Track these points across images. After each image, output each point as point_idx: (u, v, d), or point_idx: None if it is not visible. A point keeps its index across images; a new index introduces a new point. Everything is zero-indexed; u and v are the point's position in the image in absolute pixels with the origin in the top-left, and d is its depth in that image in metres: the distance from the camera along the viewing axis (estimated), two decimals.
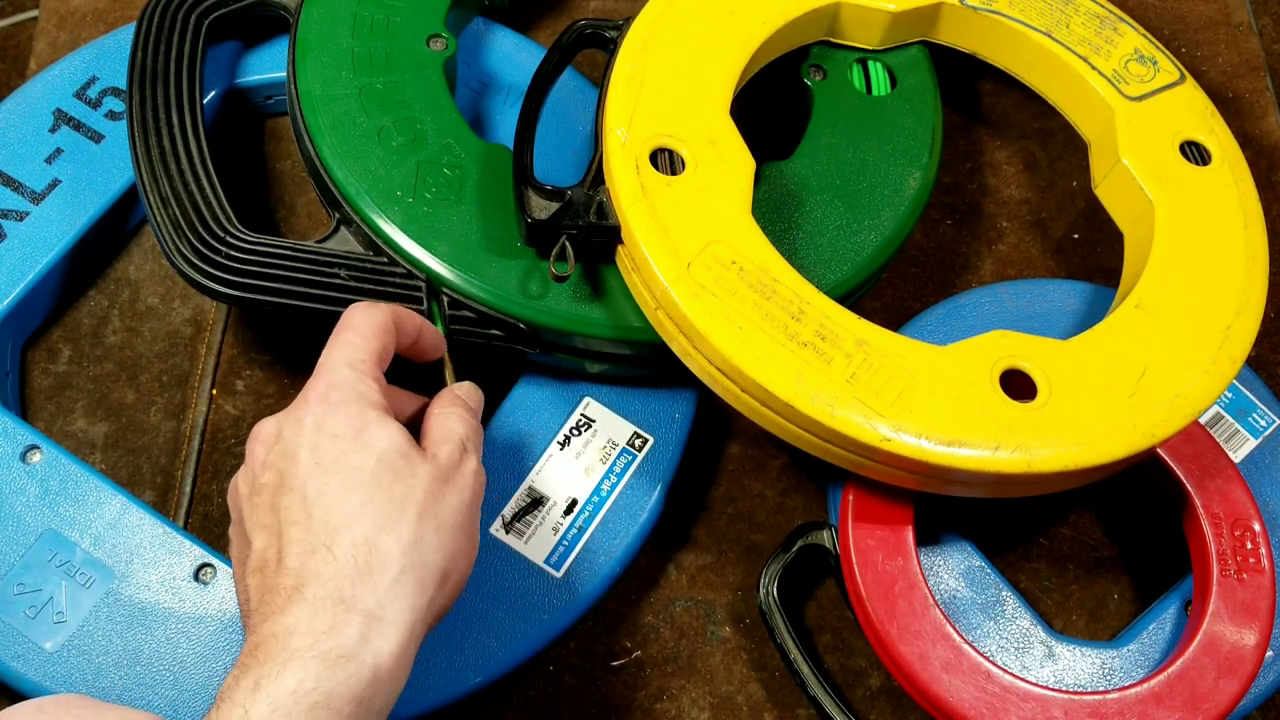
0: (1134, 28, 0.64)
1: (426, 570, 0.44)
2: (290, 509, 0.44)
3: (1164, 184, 0.59)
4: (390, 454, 0.45)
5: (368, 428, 0.46)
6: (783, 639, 0.57)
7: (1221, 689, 0.54)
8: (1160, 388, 0.53)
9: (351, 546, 0.43)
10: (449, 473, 0.47)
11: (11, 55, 0.80)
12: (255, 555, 0.44)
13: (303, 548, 0.43)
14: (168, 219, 0.56)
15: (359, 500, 0.44)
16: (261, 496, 0.46)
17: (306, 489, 0.44)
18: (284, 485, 0.45)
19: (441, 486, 0.46)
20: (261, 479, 0.46)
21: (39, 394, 0.63)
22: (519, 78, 0.68)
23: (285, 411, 0.47)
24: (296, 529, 0.44)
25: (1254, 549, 0.57)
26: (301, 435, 0.46)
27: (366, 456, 0.45)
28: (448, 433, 0.49)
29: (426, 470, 0.46)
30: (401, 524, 0.44)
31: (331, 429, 0.46)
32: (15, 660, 0.54)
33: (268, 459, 0.46)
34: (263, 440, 0.47)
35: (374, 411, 0.46)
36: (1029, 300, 0.64)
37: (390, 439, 0.46)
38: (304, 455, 0.45)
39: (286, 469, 0.45)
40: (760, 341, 0.51)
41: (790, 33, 0.62)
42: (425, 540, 0.44)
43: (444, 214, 0.58)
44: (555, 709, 0.59)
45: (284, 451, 0.46)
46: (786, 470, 0.64)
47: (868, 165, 0.62)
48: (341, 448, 0.45)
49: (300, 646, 0.40)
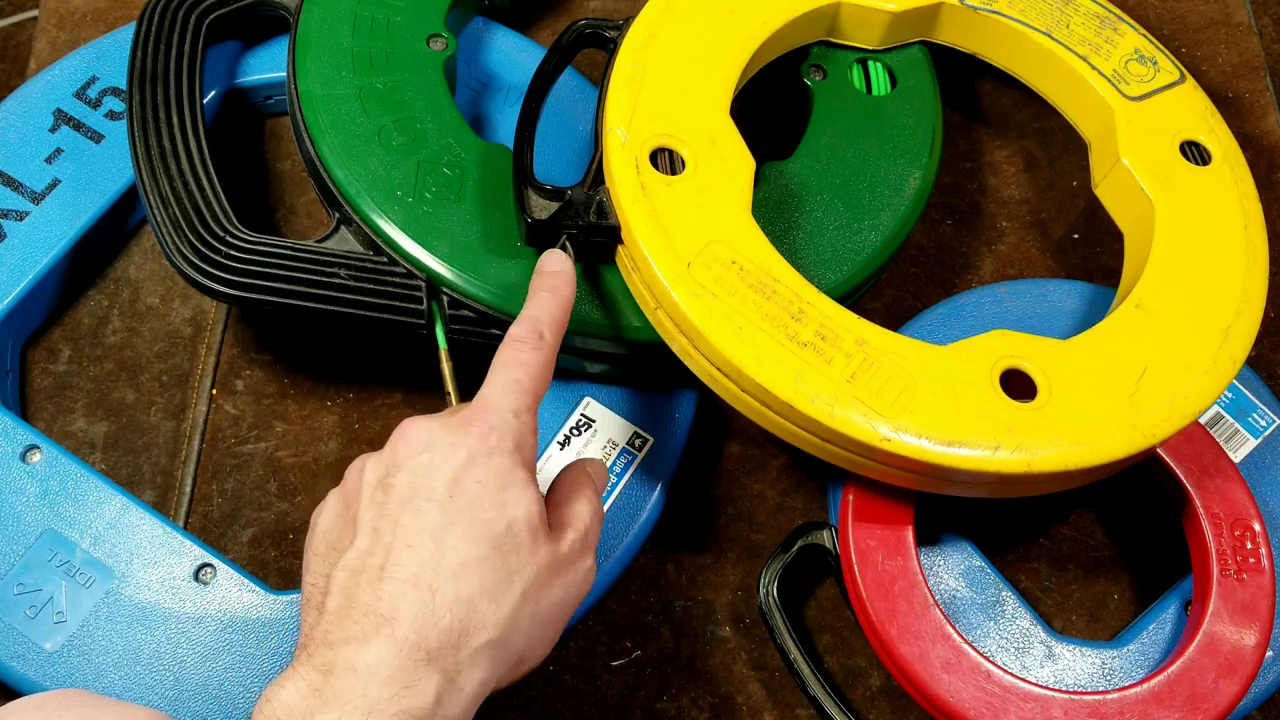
0: (1134, 28, 0.64)
1: (508, 650, 0.43)
2: (409, 528, 0.43)
3: (1164, 184, 0.59)
4: (521, 524, 0.44)
5: (512, 488, 0.45)
6: (783, 639, 0.57)
7: (1221, 689, 0.54)
8: (1160, 388, 0.53)
9: (454, 600, 0.42)
10: (565, 564, 0.46)
11: (11, 55, 0.80)
12: (355, 553, 0.43)
13: (407, 575, 0.42)
14: (168, 219, 0.56)
15: (476, 557, 0.43)
16: (388, 497, 0.44)
17: (432, 518, 0.43)
18: (413, 503, 0.44)
19: (553, 575, 0.45)
20: (393, 478, 0.45)
21: (39, 394, 0.63)
22: (519, 78, 0.68)
23: (441, 426, 0.46)
24: (408, 554, 0.42)
25: (1254, 549, 0.57)
26: (450, 464, 0.44)
27: (499, 517, 0.44)
28: (576, 518, 0.48)
29: (546, 553, 0.45)
30: (505, 597, 0.43)
31: (479, 474, 0.44)
32: (15, 660, 0.54)
33: (408, 464, 0.45)
34: (409, 443, 0.46)
35: (523, 472, 0.45)
36: (1029, 300, 0.64)
37: (526, 510, 0.45)
38: (443, 484, 0.44)
39: (422, 486, 0.44)
40: (760, 341, 0.51)
41: (790, 33, 0.62)
42: (519, 622, 0.44)
43: (444, 214, 0.58)
44: (555, 709, 0.59)
45: (427, 467, 0.45)
46: (786, 470, 0.64)
47: (868, 165, 0.62)
48: (481, 496, 0.44)
49: (380, 698, 0.39)
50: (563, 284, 0.52)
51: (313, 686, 0.40)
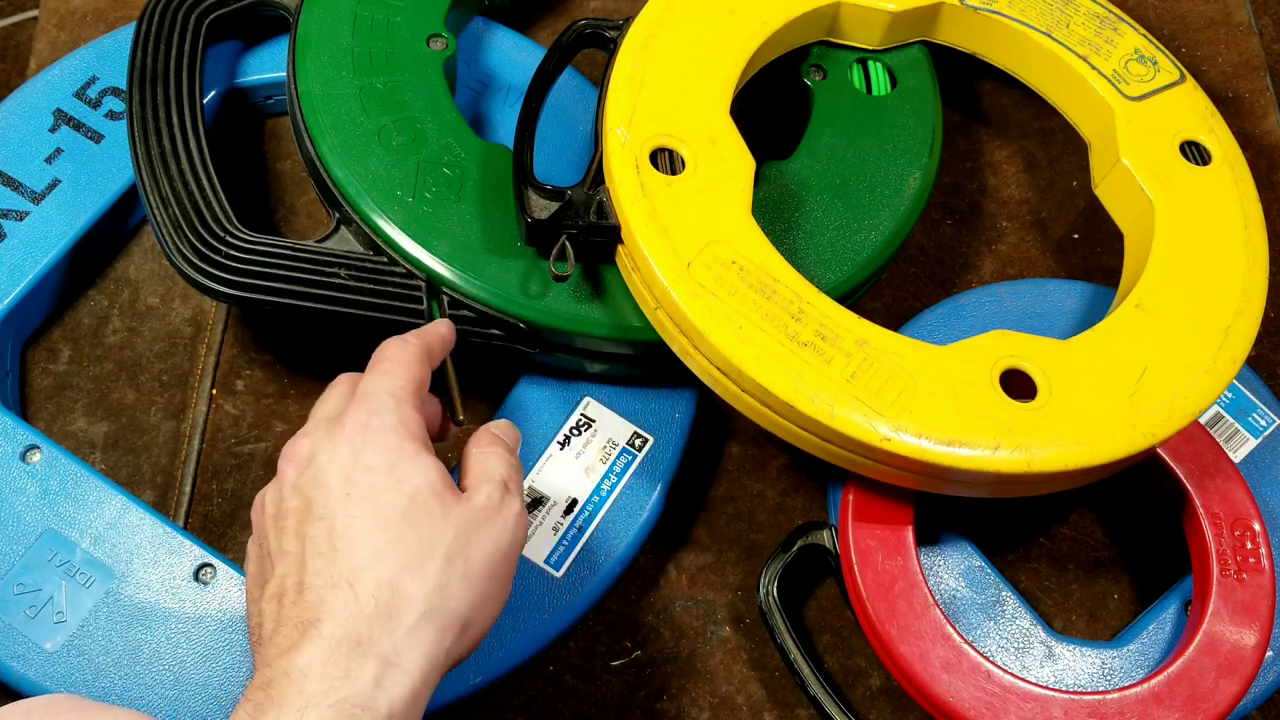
0: (1134, 28, 0.64)
1: (448, 617, 0.43)
2: (316, 539, 0.43)
3: (1164, 184, 0.59)
4: (424, 492, 0.44)
5: (403, 462, 0.45)
6: (783, 639, 0.57)
7: (1221, 689, 0.54)
8: (1160, 388, 0.53)
9: (374, 586, 0.42)
10: (486, 515, 0.45)
11: (11, 55, 0.80)
12: (275, 581, 0.43)
13: (325, 580, 0.42)
14: (168, 219, 0.56)
15: (387, 538, 0.43)
16: (287, 521, 0.44)
17: (335, 519, 0.43)
18: (312, 513, 0.44)
19: (475, 530, 0.45)
20: (289, 503, 0.45)
21: (39, 394, 0.63)
22: (519, 78, 0.68)
23: (321, 433, 0.46)
24: (321, 560, 0.43)
25: (1254, 549, 0.57)
26: (336, 463, 0.45)
27: (399, 493, 0.44)
28: (487, 471, 0.47)
29: (460, 512, 0.45)
30: (427, 567, 0.43)
31: (367, 460, 0.44)
32: (15, 660, 0.54)
33: (298, 482, 0.45)
34: (294, 462, 0.46)
35: (412, 444, 0.45)
36: (1029, 300, 0.64)
37: (425, 476, 0.45)
38: (336, 484, 0.44)
39: (316, 496, 0.44)
40: (760, 341, 0.51)
41: (790, 33, 0.62)
42: (450, 586, 0.43)
43: (444, 214, 0.58)
44: (555, 709, 0.59)
45: (315, 477, 0.45)
46: (786, 470, 0.64)
47: (868, 165, 0.62)
48: (375, 481, 0.44)
49: (315, 693, 0.39)
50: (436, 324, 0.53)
51: (255, 704, 0.40)
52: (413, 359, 0.49)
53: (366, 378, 0.48)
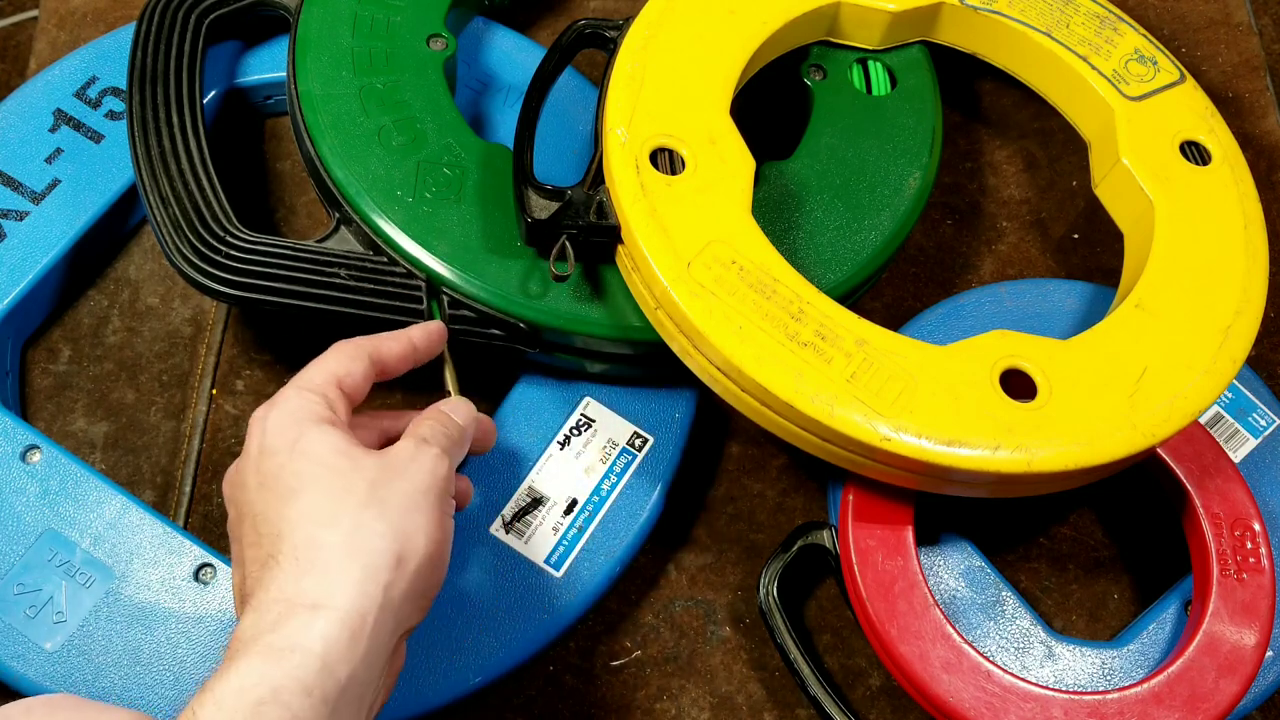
0: (1134, 28, 0.64)
1: (372, 555, 0.44)
2: (245, 535, 0.45)
3: (1164, 184, 0.59)
4: (327, 455, 0.46)
5: (302, 437, 0.46)
6: (783, 639, 0.57)
7: (1221, 689, 0.54)
8: (1160, 388, 0.53)
9: (293, 550, 0.43)
10: (401, 463, 0.47)
11: (11, 55, 0.80)
12: (234, 589, 0.46)
13: (256, 567, 0.44)
14: (168, 219, 0.56)
15: (299, 507, 0.44)
16: (231, 534, 0.48)
17: (254, 511, 0.45)
18: (240, 515, 0.46)
19: (390, 476, 0.46)
20: (230, 517, 0.48)
21: (39, 394, 0.63)
22: (519, 78, 0.68)
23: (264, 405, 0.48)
24: (251, 550, 0.45)
25: (1254, 549, 0.57)
26: (247, 461, 0.47)
27: (305, 463, 0.45)
28: (410, 432, 0.49)
29: (372, 463, 0.46)
30: (340, 516, 0.44)
31: (270, 447, 0.46)
32: (15, 660, 0.54)
33: (231, 495, 0.48)
34: (226, 483, 0.49)
35: (310, 423, 0.47)
36: (1029, 300, 0.64)
37: (326, 442, 0.46)
38: (250, 480, 0.46)
39: (239, 497, 0.47)
40: (760, 341, 0.51)
41: (790, 33, 0.62)
42: (367, 525, 0.44)
43: (444, 214, 0.58)
44: (555, 709, 0.59)
45: (237, 481, 0.47)
46: (786, 470, 0.64)
47: (868, 165, 0.62)
48: (280, 462, 0.46)
49: (245, 641, 0.41)
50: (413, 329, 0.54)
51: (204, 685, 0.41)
52: (344, 355, 0.50)
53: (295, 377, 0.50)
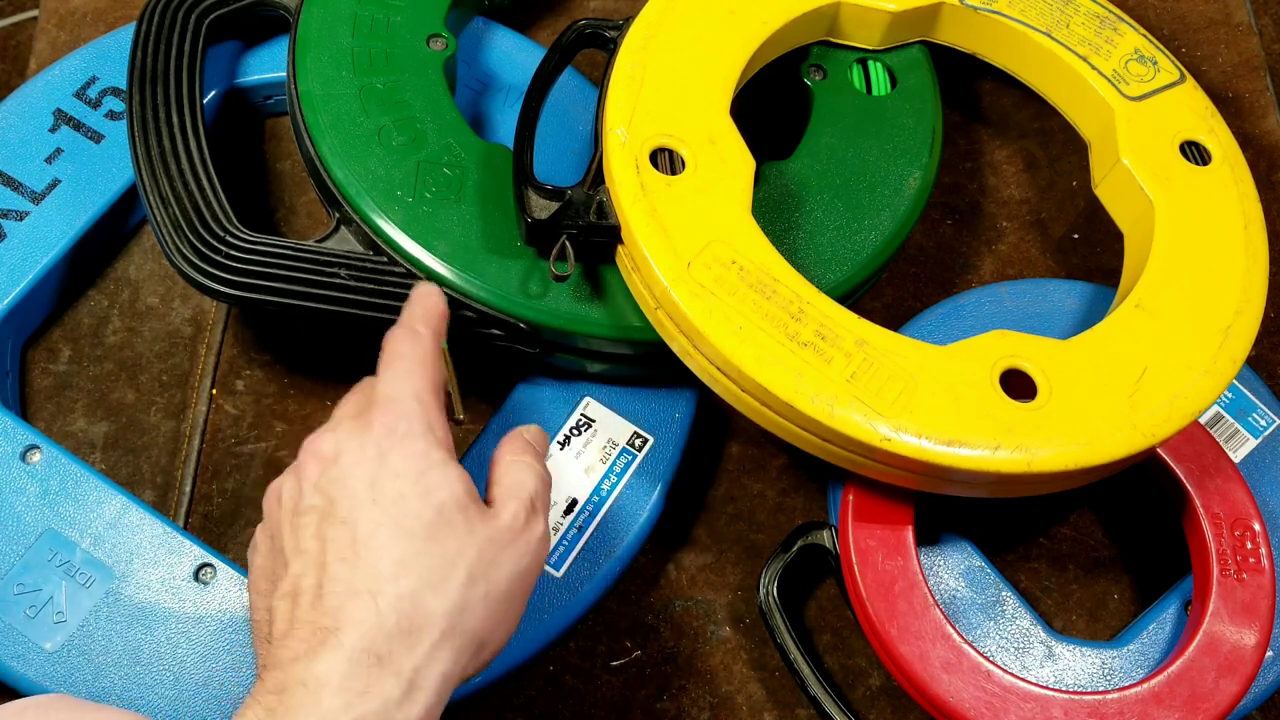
0: (1134, 27, 0.64)
1: (466, 638, 0.42)
2: (337, 541, 0.42)
3: (1164, 184, 0.59)
4: (450, 505, 0.43)
5: (431, 471, 0.44)
6: (783, 639, 0.57)
7: (1221, 689, 0.54)
8: (1160, 388, 0.53)
9: (396, 599, 0.41)
10: (510, 536, 0.45)
11: (11, 55, 0.80)
12: (290, 579, 0.42)
13: (345, 588, 0.41)
14: (168, 219, 0.56)
15: (411, 551, 0.42)
16: (307, 519, 0.43)
17: (358, 525, 0.42)
18: (334, 514, 0.43)
19: (498, 550, 0.44)
20: (309, 499, 0.44)
21: (39, 394, 0.63)
22: (519, 78, 0.68)
23: (346, 432, 0.45)
24: (343, 566, 0.42)
25: (1254, 549, 0.57)
26: (362, 465, 0.43)
27: (425, 504, 0.43)
28: (517, 486, 0.46)
29: (485, 530, 0.44)
30: (449, 585, 0.42)
31: (395, 466, 0.43)
32: (15, 660, 0.54)
33: (320, 481, 0.44)
34: (318, 458, 0.45)
35: (439, 453, 0.44)
36: (1029, 300, 0.64)
37: (452, 488, 0.44)
38: (361, 488, 0.43)
39: (339, 497, 0.43)
40: (760, 341, 0.51)
41: (790, 33, 0.62)
42: (471, 607, 0.42)
43: (444, 214, 0.58)
44: (555, 709, 0.59)
45: (339, 477, 0.44)
46: (786, 470, 0.64)
47: (868, 165, 0.62)
48: (402, 488, 0.43)
49: (333, 707, 0.39)
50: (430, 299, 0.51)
51: (268, 708, 0.39)
52: (429, 355, 0.48)
53: (386, 377, 0.47)
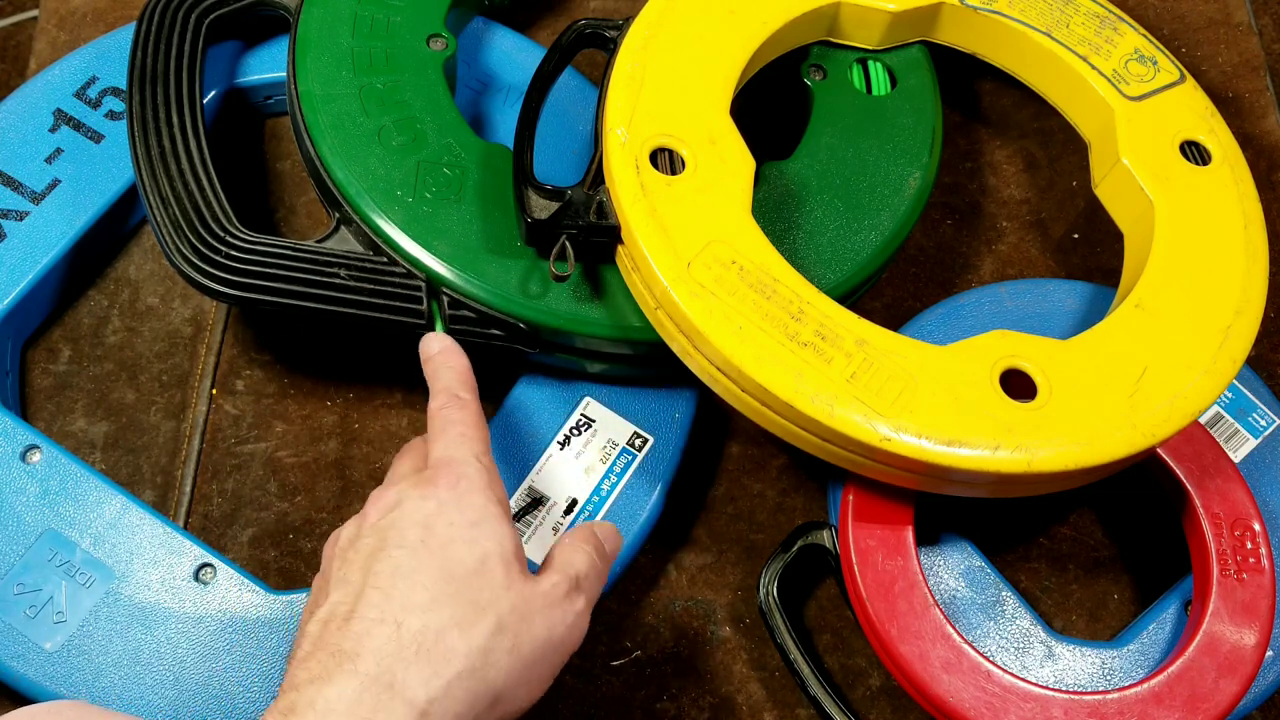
0: (1134, 27, 0.64)
1: (484, 684, 0.42)
2: (379, 574, 0.43)
3: (1164, 184, 0.59)
4: (494, 557, 0.44)
5: (485, 523, 0.45)
6: (783, 639, 0.57)
7: (1221, 689, 0.54)
8: (1160, 388, 0.53)
9: (420, 630, 0.42)
10: (547, 601, 0.45)
11: (11, 55, 0.80)
12: (328, 607, 0.43)
13: (375, 614, 0.42)
14: (168, 219, 0.56)
15: (447, 591, 0.43)
16: (357, 554, 0.45)
17: (402, 561, 0.43)
18: (383, 551, 0.44)
19: (533, 611, 0.44)
20: (364, 539, 0.45)
21: (39, 394, 0.63)
22: (519, 78, 0.68)
23: (410, 485, 0.47)
24: (377, 594, 0.43)
25: (1254, 549, 0.57)
26: (420, 512, 0.45)
27: (471, 551, 0.44)
28: (566, 564, 0.47)
29: (523, 589, 0.45)
30: (477, 628, 0.43)
31: (450, 515, 0.45)
32: (15, 660, 0.54)
33: (379, 523, 0.46)
34: (379, 505, 0.47)
35: (496, 508, 0.46)
36: (1029, 300, 0.64)
37: (500, 543, 0.45)
38: (414, 529, 0.44)
39: (392, 536, 0.45)
40: (760, 341, 0.51)
41: (790, 33, 0.62)
42: (494, 656, 0.43)
43: (444, 214, 0.58)
44: (555, 709, 0.59)
45: (396, 520, 0.45)
46: (786, 470, 0.64)
47: (868, 165, 0.62)
48: (453, 535, 0.44)
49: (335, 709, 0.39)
50: (452, 357, 0.53)
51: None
52: (478, 418, 0.50)
53: (443, 442, 0.49)
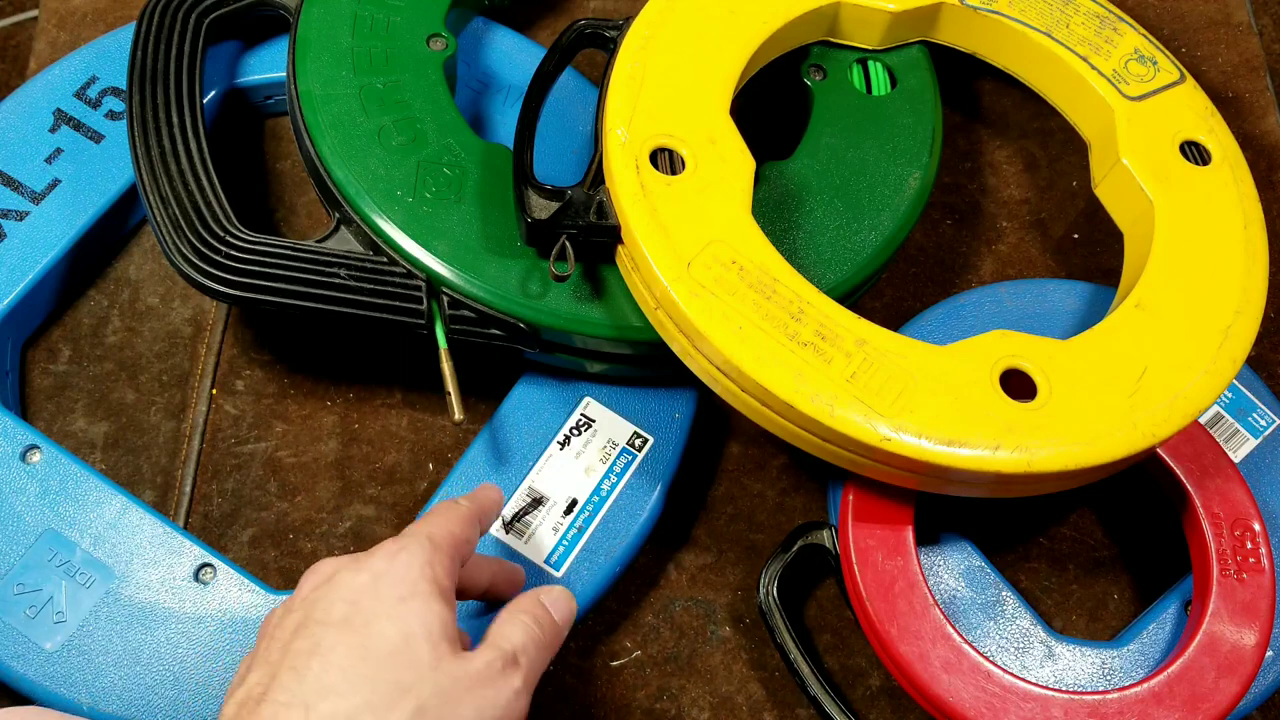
0: (1134, 27, 0.64)
1: None
2: (297, 653, 0.42)
3: (1164, 184, 0.59)
4: (419, 637, 0.43)
5: (413, 599, 0.43)
6: (783, 639, 0.57)
7: (1221, 689, 0.54)
8: (1160, 388, 0.53)
9: (330, 714, 0.40)
10: (477, 682, 0.43)
11: (11, 55, 0.80)
12: (245, 688, 0.42)
13: (286, 697, 0.41)
14: (168, 219, 0.56)
15: (364, 672, 0.41)
16: (281, 633, 0.44)
17: (322, 640, 0.42)
18: (305, 629, 0.43)
19: (461, 693, 0.42)
20: (291, 614, 0.44)
21: (39, 394, 0.63)
22: (519, 78, 0.68)
23: (349, 557, 0.46)
24: (291, 676, 0.41)
25: (1254, 549, 0.57)
26: (351, 585, 0.44)
27: (396, 629, 0.42)
28: (500, 638, 0.46)
29: (451, 669, 0.43)
30: (393, 712, 0.41)
31: (380, 590, 0.43)
32: (15, 660, 0.54)
33: (309, 595, 0.44)
34: (314, 578, 0.46)
35: (428, 585, 0.44)
36: (1029, 300, 0.64)
37: (425, 621, 0.43)
38: (340, 606, 0.43)
39: (316, 612, 0.43)
40: (760, 341, 0.51)
41: (790, 33, 0.62)
42: None
43: (444, 214, 0.58)
44: (555, 709, 0.59)
45: (326, 594, 0.44)
46: (786, 470, 0.64)
47: (868, 165, 0.62)
48: (379, 610, 0.43)
49: None
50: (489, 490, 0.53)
51: None
52: (460, 517, 0.49)
53: (411, 526, 0.48)
